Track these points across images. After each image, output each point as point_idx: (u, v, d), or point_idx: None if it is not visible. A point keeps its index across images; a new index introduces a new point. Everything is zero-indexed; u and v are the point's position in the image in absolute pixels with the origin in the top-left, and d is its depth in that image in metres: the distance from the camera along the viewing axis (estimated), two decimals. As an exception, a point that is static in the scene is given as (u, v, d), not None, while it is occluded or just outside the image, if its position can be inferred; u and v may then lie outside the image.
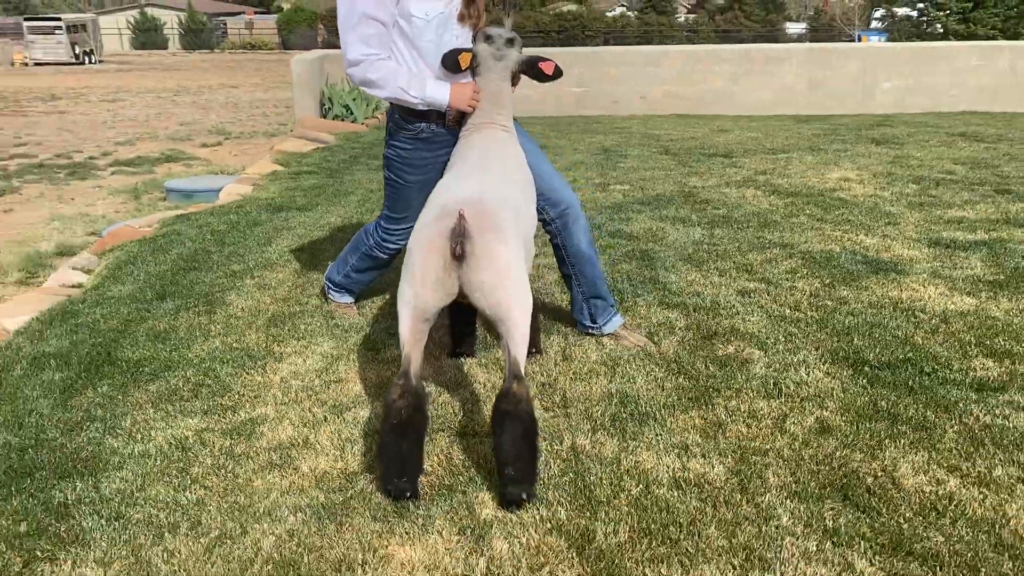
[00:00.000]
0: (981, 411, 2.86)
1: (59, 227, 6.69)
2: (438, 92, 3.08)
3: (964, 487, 2.45)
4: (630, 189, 6.55)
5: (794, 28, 48.92)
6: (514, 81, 3.16)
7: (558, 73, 3.11)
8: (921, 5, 27.50)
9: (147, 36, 46.26)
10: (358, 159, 8.19)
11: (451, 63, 3.02)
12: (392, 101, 3.14)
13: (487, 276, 2.39)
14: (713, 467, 2.55)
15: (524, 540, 2.22)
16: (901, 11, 30.26)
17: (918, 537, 2.22)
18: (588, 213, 5.54)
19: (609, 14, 58.42)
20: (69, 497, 2.43)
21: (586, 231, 3.39)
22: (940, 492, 2.42)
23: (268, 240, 5.16)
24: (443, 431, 2.79)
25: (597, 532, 2.24)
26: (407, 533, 2.26)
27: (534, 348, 3.34)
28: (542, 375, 3.19)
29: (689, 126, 10.43)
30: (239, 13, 52.05)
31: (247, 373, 3.25)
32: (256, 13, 51.63)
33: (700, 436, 2.74)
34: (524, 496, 2.34)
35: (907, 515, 2.31)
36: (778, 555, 2.15)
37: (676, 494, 2.42)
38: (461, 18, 3.16)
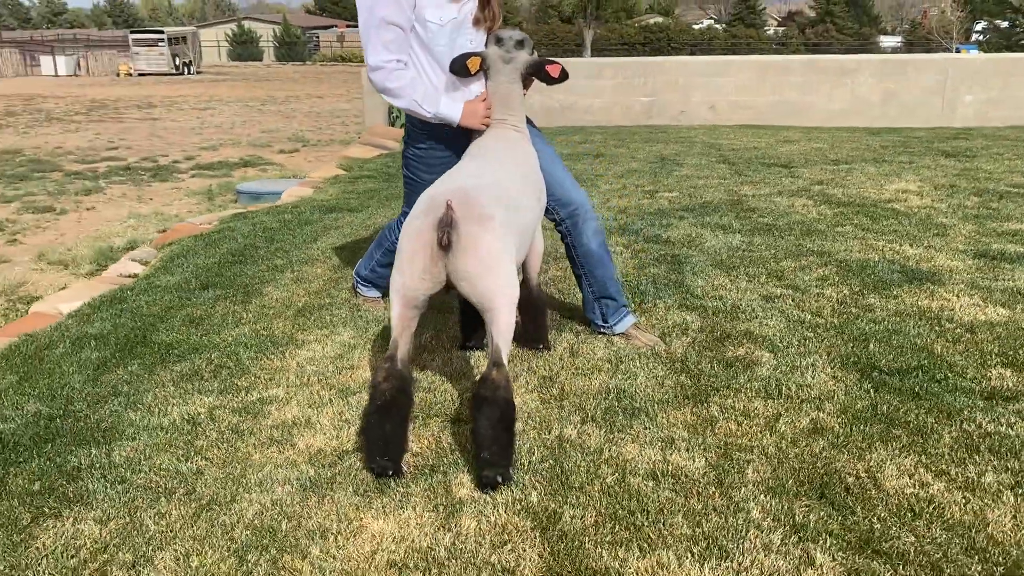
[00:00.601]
0: (985, 419, 2.81)
1: (134, 224, 7.07)
2: (450, 110, 3.18)
3: (948, 491, 2.41)
4: (678, 196, 6.55)
5: (888, 41, 47.60)
6: (526, 83, 3.23)
7: (564, 76, 3.19)
8: (1012, 16, 26.47)
9: (243, 48, 48.04)
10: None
11: (459, 67, 3.12)
12: (407, 112, 3.25)
13: (472, 265, 2.47)
14: (694, 460, 2.58)
15: (492, 519, 2.29)
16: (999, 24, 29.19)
17: (888, 536, 2.20)
18: (629, 219, 5.61)
19: (696, 26, 58.01)
20: (82, 462, 2.61)
21: (597, 232, 3.43)
22: (921, 495, 2.39)
23: (314, 238, 5.36)
24: (437, 416, 2.89)
25: (564, 515, 2.30)
26: (383, 507, 2.35)
27: (542, 344, 3.41)
28: (545, 369, 3.26)
29: (755, 136, 10.31)
30: (331, 26, 53.57)
31: (267, 357, 3.41)
32: (347, 26, 53.01)
33: (687, 431, 2.76)
34: (499, 479, 2.41)
35: (881, 515, 2.30)
36: (739, 546, 2.17)
37: (651, 484, 2.45)
38: (476, 22, 3.25)
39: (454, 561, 2.12)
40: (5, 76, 33.30)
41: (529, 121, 3.44)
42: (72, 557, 2.15)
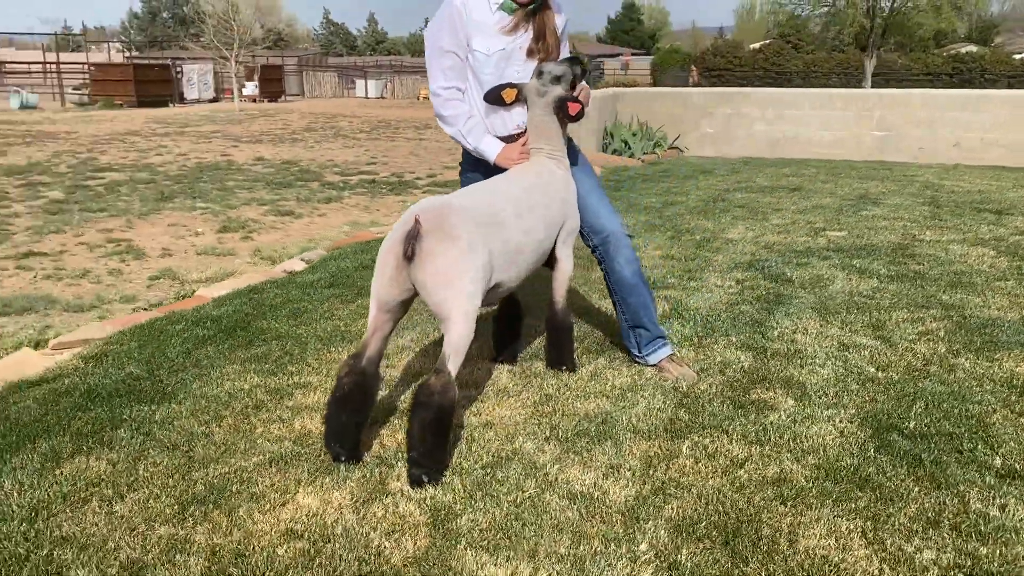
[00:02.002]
0: (978, 496, 2.55)
1: (347, 231, 7.91)
2: (489, 148, 3.41)
3: (867, 560, 2.26)
4: (844, 236, 6.20)
5: None
6: (563, 116, 3.36)
7: (580, 115, 3.29)
8: None
9: (534, 74, 50.44)
10: (605, 190, 8.55)
11: (494, 97, 3.33)
12: (453, 139, 3.51)
13: (429, 277, 2.69)
14: (624, 490, 2.61)
15: (400, 510, 2.50)
16: None
17: (762, 591, 2.13)
18: (767, 256, 5.44)
19: (1018, 56, 52.16)
20: (129, 415, 3.16)
21: (631, 260, 3.47)
22: (833, 558, 2.27)
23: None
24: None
25: (463, 517, 2.45)
26: (320, 486, 2.64)
27: (565, 366, 3.52)
28: (553, 387, 3.37)
29: (992, 179, 9.33)
30: (617, 55, 54.82)
31: (328, 351, 3.83)
32: (632, 55, 53.97)
33: (641, 463, 2.77)
34: (425, 478, 2.61)
35: (772, 570, 2.22)
36: (600, 572, 2.20)
37: (563, 504, 2.53)
38: (529, 53, 3.42)
39: (341, 539, 2.36)
40: (324, 96, 37.72)
41: (575, 149, 3.57)
42: (70, 486, 2.65)
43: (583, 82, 3.47)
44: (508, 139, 3.47)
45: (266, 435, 3.00)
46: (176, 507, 2.53)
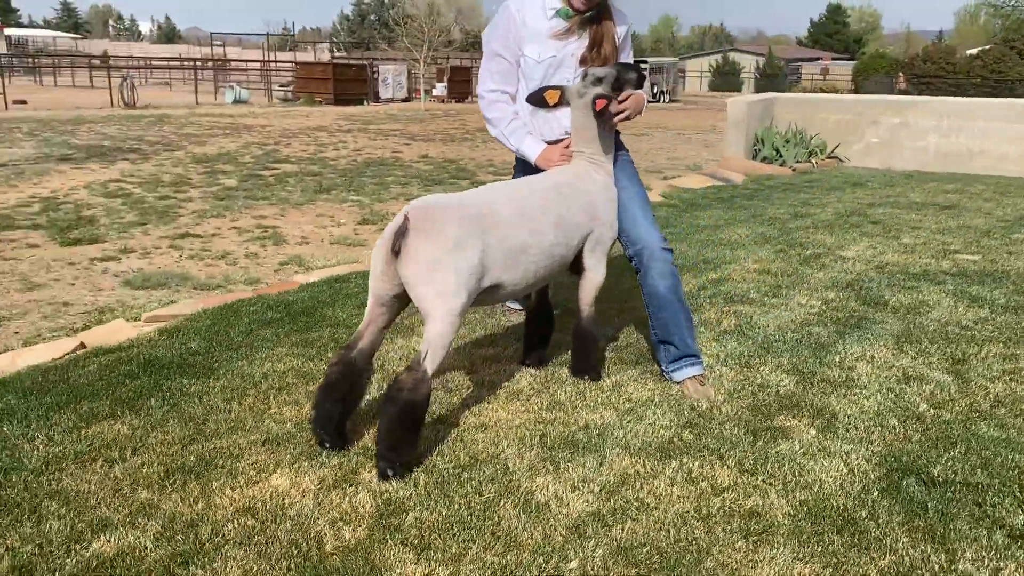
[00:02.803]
0: (975, 557, 2.29)
1: None
2: (530, 149, 3.42)
3: (805, 608, 2.08)
4: (977, 261, 5.66)
5: None
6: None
7: (603, 112, 3.21)
8: None
9: (724, 79, 49.28)
10: (730, 200, 8.25)
11: (537, 99, 3.32)
12: (497, 140, 3.53)
13: (410, 272, 2.73)
14: (575, 502, 2.55)
15: (354, 500, 2.56)
16: None
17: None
18: (875, 275, 5.08)
19: None
20: (168, 386, 3.41)
21: (666, 275, 3.34)
22: (767, 601, 2.10)
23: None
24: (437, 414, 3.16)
25: (410, 513, 2.48)
26: (296, 468, 2.75)
27: (589, 375, 3.45)
28: (566, 395, 3.32)
29: None
30: (816, 59, 52.34)
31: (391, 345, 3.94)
32: (833, 59, 51.35)
33: (614, 479, 2.69)
34: (390, 472, 2.65)
35: (695, 605, 2.09)
36: (515, 583, 2.17)
37: (514, 511, 2.50)
38: (582, 61, 3.39)
39: (289, 522, 2.45)
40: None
41: (623, 156, 3.50)
42: (87, 445, 2.90)
43: (637, 89, 3.38)
44: (555, 143, 3.45)
45: (275, 416, 3.15)
46: (163, 474, 2.71)
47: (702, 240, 6.17)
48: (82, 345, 3.99)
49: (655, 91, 39.72)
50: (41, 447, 2.88)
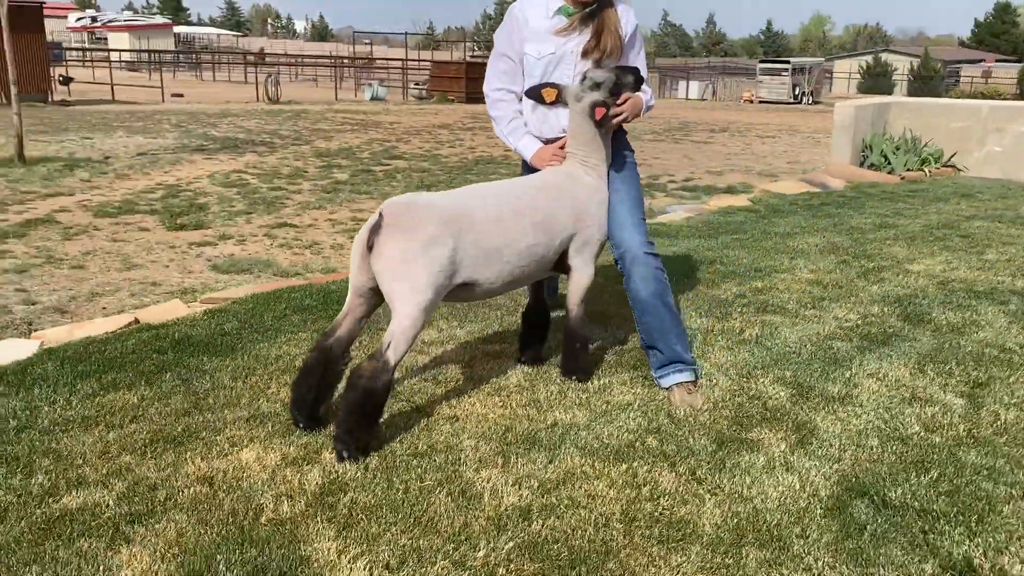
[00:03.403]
0: (887, 582, 2.21)
1: None
2: (526, 148, 3.52)
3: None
4: (1059, 281, 5.26)
5: None
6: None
7: (604, 120, 3.24)
8: None
9: (874, 81, 46.99)
10: (817, 208, 7.94)
11: (535, 94, 3.39)
12: (499, 138, 3.63)
13: (381, 267, 2.87)
14: (515, 499, 2.60)
15: (305, 477, 2.72)
16: None
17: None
18: (933, 292, 4.88)
19: None
20: (186, 362, 3.68)
21: (648, 280, 3.34)
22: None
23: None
24: (418, 404, 3.30)
25: (348, 494, 2.62)
26: (267, 444, 2.94)
27: (577, 375, 3.49)
28: (546, 394, 3.38)
29: None
30: (979, 60, 49.07)
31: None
32: (996, 60, 47.98)
33: (557, 477, 2.74)
34: (345, 454, 2.80)
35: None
36: (414, 569, 2.26)
37: (445, 500, 2.59)
38: (585, 53, 3.43)
39: (237, 493, 2.63)
40: (645, 96, 38.18)
41: (623, 157, 3.51)
42: (95, 411, 3.19)
43: (635, 92, 3.40)
44: (553, 141, 3.52)
45: (271, 396, 3.36)
46: (148, 441, 2.95)
47: (766, 247, 6.02)
48: (135, 321, 4.35)
49: (796, 92, 38.39)
50: (57, 410, 3.19)
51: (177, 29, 54.10)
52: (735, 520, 2.50)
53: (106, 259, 6.20)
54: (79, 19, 53.85)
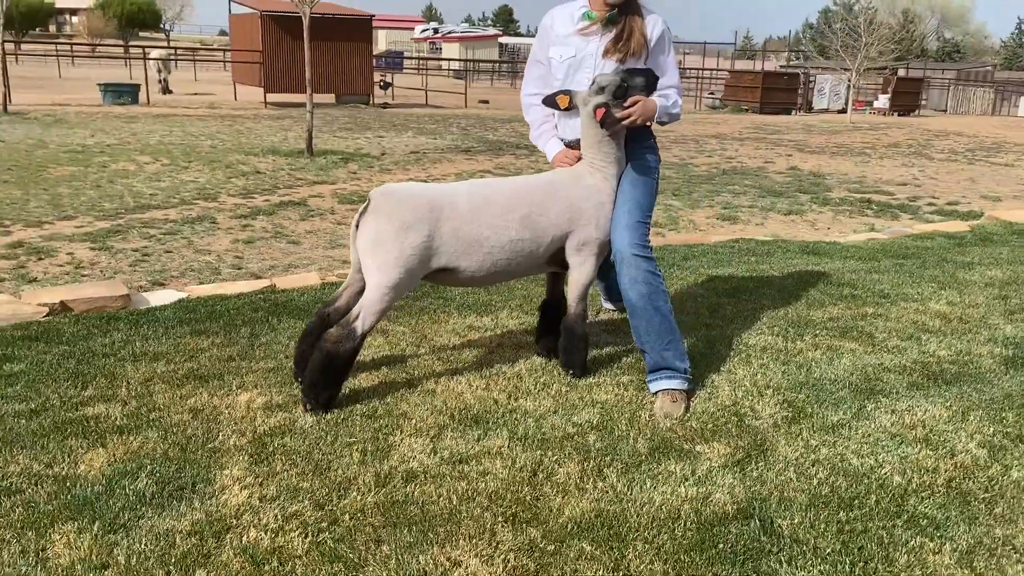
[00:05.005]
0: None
1: (727, 241, 7.97)
2: (548, 149, 3.69)
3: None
4: None
5: None
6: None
7: (602, 122, 3.29)
8: None
9: None
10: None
11: (550, 102, 3.54)
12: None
13: (361, 245, 3.23)
14: (408, 463, 2.82)
15: (267, 419, 3.14)
16: None
17: None
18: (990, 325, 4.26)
19: None
20: (267, 322, 4.26)
21: (637, 281, 3.34)
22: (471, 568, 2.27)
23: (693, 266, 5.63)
24: (421, 380, 3.60)
25: (286, 436, 3.00)
26: (263, 390, 3.40)
27: (571, 371, 3.58)
28: (530, 385, 3.50)
29: None
30: None
31: (442, 320, 4.42)
32: None
33: (464, 451, 2.91)
34: (308, 406, 3.19)
35: (405, 559, 2.34)
36: (284, 509, 2.59)
37: (355, 455, 2.88)
38: (606, 52, 3.51)
39: (211, 423, 3.12)
40: (971, 114, 34.36)
41: (639, 158, 3.52)
42: (170, 348, 3.87)
43: (648, 94, 3.42)
44: (573, 143, 3.64)
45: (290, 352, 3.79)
46: (182, 377, 3.54)
47: (924, 275, 5.47)
48: (272, 287, 5.06)
49: None
50: (143, 344, 3.90)
51: (503, 40, 57.92)
52: (596, 516, 2.52)
53: (321, 238, 7.10)
54: (423, 31, 59.64)
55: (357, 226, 3.24)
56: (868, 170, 13.45)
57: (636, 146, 3.56)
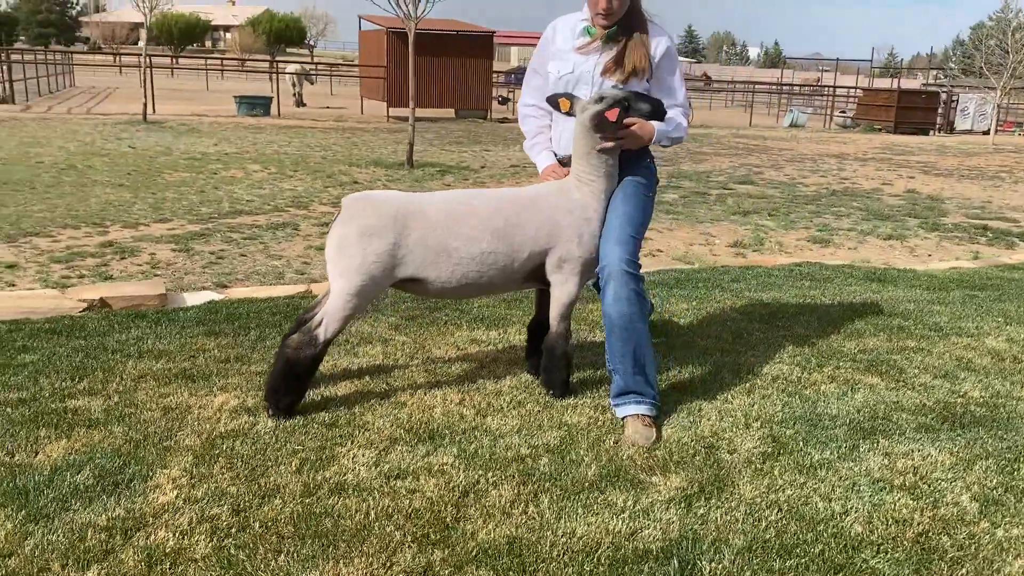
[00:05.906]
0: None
1: (792, 264, 7.55)
2: (539, 161, 3.60)
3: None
4: None
5: None
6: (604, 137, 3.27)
7: (601, 126, 3.17)
8: None
9: None
10: None
11: (553, 101, 3.43)
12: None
13: (327, 251, 3.23)
14: (349, 474, 2.78)
15: (236, 420, 3.17)
16: None
17: None
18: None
19: None
20: (278, 324, 4.33)
21: (621, 299, 3.18)
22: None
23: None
24: (396, 392, 3.57)
25: (237, 440, 3.01)
26: (243, 392, 3.44)
27: (552, 391, 3.46)
28: (503, 403, 3.39)
29: None
30: None
31: (448, 333, 4.36)
32: None
33: (409, 465, 2.84)
34: (269, 410, 3.21)
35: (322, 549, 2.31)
36: (221, 494, 2.60)
37: (295, 464, 2.86)
38: (605, 71, 3.40)
39: (178, 422, 3.17)
40: None
41: (635, 172, 3.38)
42: (175, 348, 3.98)
43: (652, 119, 3.28)
44: (570, 159, 3.53)
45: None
46: (173, 376, 3.63)
47: (993, 309, 5.01)
48: (308, 292, 5.15)
49: None
50: (153, 343, 4.03)
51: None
52: (508, 543, 2.41)
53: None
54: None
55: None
56: (997, 195, 12.53)
57: (632, 163, 3.41)
